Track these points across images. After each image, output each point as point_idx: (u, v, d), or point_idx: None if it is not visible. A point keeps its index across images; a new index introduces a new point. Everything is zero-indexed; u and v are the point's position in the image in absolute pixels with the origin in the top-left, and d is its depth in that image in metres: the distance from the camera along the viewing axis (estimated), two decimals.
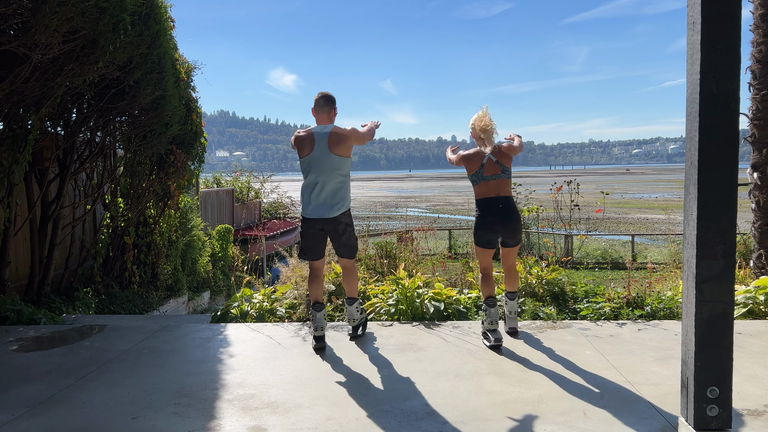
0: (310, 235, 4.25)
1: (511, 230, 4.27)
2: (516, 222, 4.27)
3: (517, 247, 4.41)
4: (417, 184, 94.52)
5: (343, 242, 4.28)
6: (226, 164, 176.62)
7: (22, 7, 4.71)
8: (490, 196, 4.25)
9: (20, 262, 6.93)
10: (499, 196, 4.24)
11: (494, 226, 4.25)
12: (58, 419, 3.11)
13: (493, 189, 4.24)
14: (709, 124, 2.57)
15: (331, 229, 4.22)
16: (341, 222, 4.20)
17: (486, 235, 4.29)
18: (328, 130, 4.17)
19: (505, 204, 4.24)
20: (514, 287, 4.49)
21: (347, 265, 4.44)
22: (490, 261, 4.40)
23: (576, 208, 10.55)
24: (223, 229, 13.14)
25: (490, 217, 4.24)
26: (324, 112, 4.25)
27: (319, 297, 4.32)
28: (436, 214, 34.26)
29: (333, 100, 4.30)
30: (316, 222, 4.19)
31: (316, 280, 4.35)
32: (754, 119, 6.79)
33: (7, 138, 6.02)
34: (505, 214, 4.23)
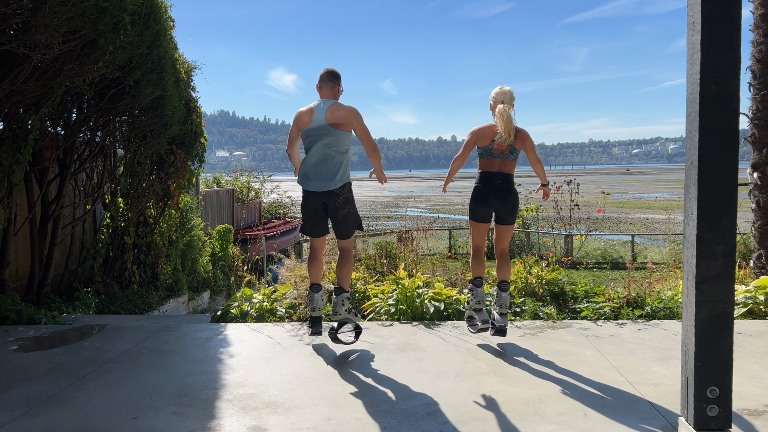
0: (309, 209, 4.20)
1: (509, 205, 4.24)
2: (513, 198, 4.25)
3: (511, 227, 4.33)
4: (417, 184, 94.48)
5: (342, 216, 4.14)
6: (226, 164, 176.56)
7: (22, 7, 4.72)
8: (492, 170, 4.23)
9: (20, 262, 6.93)
10: (500, 172, 4.23)
11: (490, 199, 4.22)
12: (58, 419, 3.11)
13: (497, 165, 4.23)
14: (709, 124, 2.57)
15: (330, 203, 4.13)
16: (339, 195, 4.10)
17: (481, 209, 4.26)
18: (328, 104, 4.11)
19: (504, 180, 4.22)
20: (507, 275, 4.31)
21: (345, 247, 4.27)
22: (483, 239, 4.38)
23: (576, 207, 10.55)
24: (223, 229, 13.14)
25: (487, 189, 4.22)
26: (327, 87, 4.18)
27: (317, 278, 4.28)
28: (436, 214, 34.26)
29: (338, 76, 4.21)
30: (315, 195, 4.13)
31: (315, 261, 4.30)
32: (754, 119, 6.79)
33: (7, 138, 6.01)
34: (503, 190, 4.21)
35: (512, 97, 4.29)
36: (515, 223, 4.43)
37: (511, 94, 4.29)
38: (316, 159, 4.11)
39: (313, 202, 4.17)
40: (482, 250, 4.38)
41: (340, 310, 4.18)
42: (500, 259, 4.35)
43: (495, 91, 4.34)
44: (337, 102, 4.17)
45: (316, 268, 4.33)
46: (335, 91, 4.21)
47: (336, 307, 4.18)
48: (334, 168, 4.10)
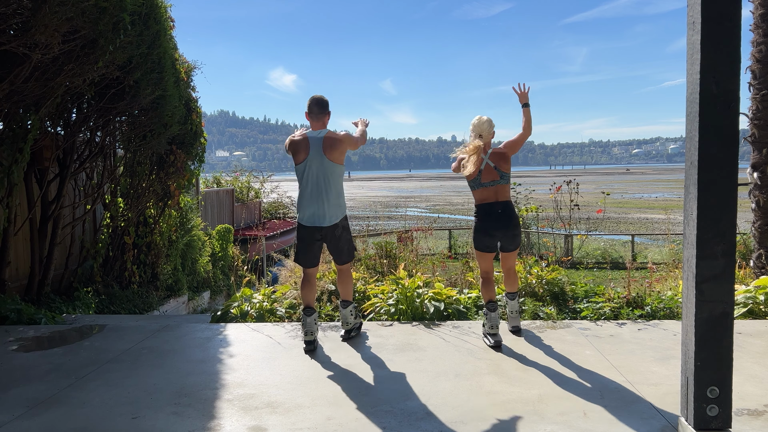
0: (306, 242, 4.28)
1: (510, 236, 4.28)
2: (515, 227, 4.28)
3: (516, 250, 4.42)
4: (417, 184, 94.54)
5: (341, 247, 4.32)
6: (226, 164, 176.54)
7: (22, 7, 4.72)
8: (489, 201, 4.26)
9: (20, 262, 6.93)
10: (498, 201, 4.25)
11: (493, 231, 4.26)
12: (58, 419, 3.11)
13: (492, 194, 4.25)
14: (709, 124, 2.57)
15: (328, 236, 4.25)
16: (338, 227, 4.24)
17: (485, 240, 4.30)
18: (322, 135, 4.19)
19: (503, 209, 4.25)
20: (514, 288, 4.52)
21: (344, 269, 4.48)
22: (490, 265, 4.39)
23: (576, 207, 10.55)
24: (223, 229, 13.14)
25: (488, 222, 4.25)
26: (318, 119, 4.25)
27: (310, 302, 4.31)
28: (436, 213, 34.26)
29: (326, 105, 4.29)
30: (314, 230, 4.22)
31: (308, 285, 4.36)
32: (754, 119, 6.79)
33: (7, 138, 6.01)
34: (504, 219, 4.24)
35: (490, 127, 4.29)
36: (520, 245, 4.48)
37: (489, 124, 4.29)
38: (315, 195, 4.18)
39: (311, 234, 4.25)
40: (491, 275, 4.40)
41: (350, 320, 4.49)
42: (507, 275, 4.47)
43: (473, 122, 4.35)
44: (329, 131, 4.24)
45: (309, 291, 4.35)
46: (325, 121, 4.30)
47: (346, 318, 4.47)
48: (334, 202, 4.20)
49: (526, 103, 4.34)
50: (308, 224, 4.22)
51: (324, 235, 4.25)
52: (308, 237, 4.27)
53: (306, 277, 4.38)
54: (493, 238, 4.28)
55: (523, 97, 4.35)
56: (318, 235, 4.25)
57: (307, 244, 4.28)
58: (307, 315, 4.23)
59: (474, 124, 4.34)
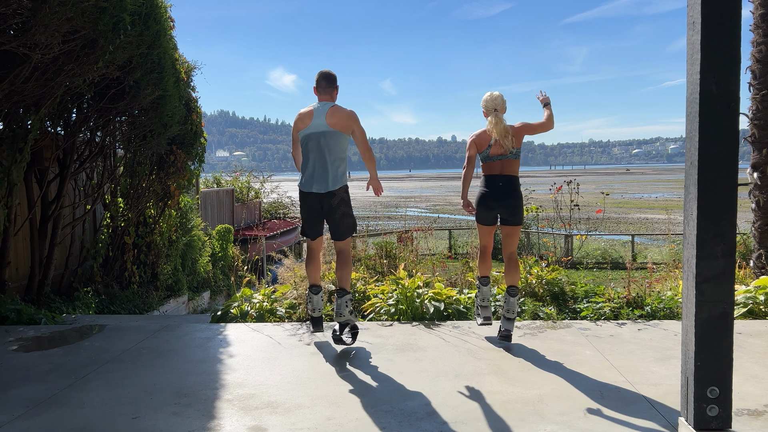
0: (307, 210, 4.23)
1: (510, 206, 4.26)
2: (514, 199, 4.26)
3: (517, 228, 4.35)
4: (417, 184, 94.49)
5: (338, 218, 4.17)
6: (226, 164, 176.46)
7: (22, 7, 4.72)
8: (493, 173, 4.30)
9: (20, 262, 6.92)
10: (502, 174, 4.28)
11: (491, 202, 4.27)
12: (58, 419, 3.11)
13: (497, 168, 4.28)
14: (709, 124, 2.57)
15: (326, 204, 4.15)
16: (336, 196, 4.14)
17: (483, 212, 4.32)
18: (327, 107, 4.16)
19: (505, 182, 4.26)
20: (516, 280, 4.36)
21: (343, 249, 4.29)
22: (489, 240, 4.44)
23: (576, 208, 10.53)
24: (223, 229, 13.14)
25: (487, 193, 4.28)
26: (326, 93, 4.24)
27: (316, 280, 4.32)
28: (436, 214, 34.27)
29: (334, 79, 4.26)
30: (312, 196, 4.17)
31: (313, 262, 4.33)
32: (754, 119, 6.79)
33: (7, 138, 6.01)
34: (504, 192, 4.25)
35: (503, 102, 4.34)
36: (521, 224, 4.44)
37: (502, 99, 4.35)
38: (314, 161, 4.15)
39: (311, 204, 4.20)
40: (489, 250, 4.44)
41: (344, 311, 4.19)
42: (509, 263, 4.38)
43: (485, 97, 4.38)
44: (336, 104, 4.21)
45: (314, 269, 4.36)
46: (333, 94, 4.27)
47: (340, 308, 4.18)
48: (332, 170, 4.14)
49: (547, 104, 4.47)
50: (306, 190, 4.18)
51: (322, 203, 4.16)
52: (308, 205, 4.21)
53: (310, 254, 4.36)
54: (491, 210, 4.29)
55: (544, 100, 4.50)
56: (316, 204, 4.17)
57: (307, 212, 4.23)
58: (314, 293, 4.23)
59: (487, 99, 4.35)
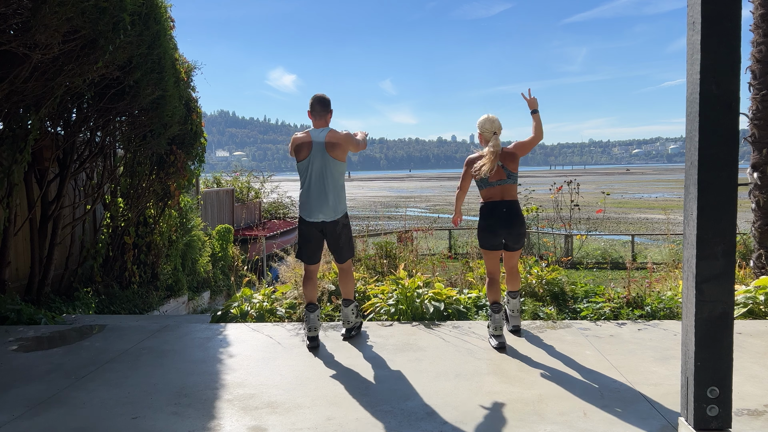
0: (308, 238, 4.32)
1: (515, 235, 4.27)
2: (519, 226, 4.27)
3: (520, 250, 4.42)
4: (417, 184, 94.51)
5: (341, 245, 4.34)
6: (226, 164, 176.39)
7: (22, 6, 4.72)
8: (495, 200, 4.27)
9: (20, 262, 6.93)
10: (504, 200, 4.25)
11: (497, 229, 4.26)
12: (58, 419, 3.11)
13: (498, 193, 4.26)
14: (709, 124, 2.57)
15: (329, 232, 4.28)
16: (339, 223, 4.27)
17: (490, 239, 4.30)
18: (324, 134, 4.23)
19: (509, 208, 4.25)
20: (516, 287, 4.51)
21: (344, 267, 4.50)
22: (497, 265, 4.36)
23: (576, 208, 10.54)
24: (223, 229, 13.14)
25: (492, 220, 4.26)
26: (321, 117, 4.31)
27: (312, 298, 4.37)
28: (436, 214, 34.26)
29: (328, 104, 4.36)
30: (315, 225, 4.26)
31: (310, 282, 4.40)
32: (754, 119, 6.79)
33: (7, 138, 6.02)
34: (509, 218, 4.23)
35: (500, 126, 4.35)
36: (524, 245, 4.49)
37: (499, 122, 4.35)
38: (316, 190, 4.22)
39: (313, 231, 4.29)
40: (497, 276, 4.37)
41: (350, 318, 4.52)
42: (510, 273, 4.46)
43: (482, 121, 4.35)
44: (332, 129, 4.28)
45: (311, 288, 4.40)
46: (327, 119, 4.36)
47: (348, 317, 4.50)
48: (335, 199, 4.23)
49: (535, 110, 4.36)
50: (309, 219, 4.26)
51: (325, 231, 4.28)
52: (309, 233, 4.30)
53: (307, 275, 4.42)
54: (498, 236, 4.28)
55: (532, 103, 4.37)
56: (318, 231, 4.29)
57: (308, 240, 4.32)
58: (310, 311, 4.27)
59: (485, 121, 4.33)
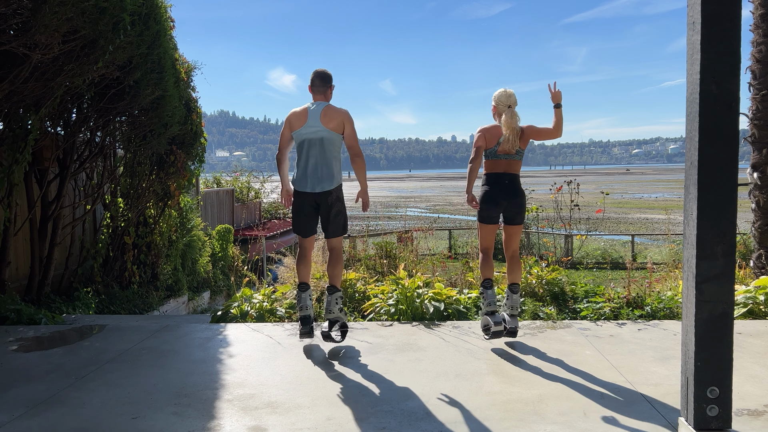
0: (302, 209, 4.26)
1: (517, 205, 4.29)
2: (521, 198, 4.30)
3: (520, 227, 4.38)
4: (417, 184, 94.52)
5: (333, 216, 4.23)
6: (226, 164, 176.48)
7: (22, 7, 4.72)
8: (498, 171, 4.29)
9: (20, 262, 6.92)
10: (507, 172, 4.28)
11: (499, 199, 4.27)
12: (58, 419, 3.11)
13: (503, 166, 4.28)
14: (709, 124, 2.57)
15: (322, 203, 4.21)
16: (332, 194, 4.20)
17: (490, 209, 4.30)
18: (321, 107, 4.20)
19: (511, 180, 4.28)
20: (518, 278, 4.36)
21: (335, 246, 4.34)
22: (492, 240, 4.42)
23: (576, 208, 10.53)
24: (223, 229, 13.14)
25: (495, 190, 4.27)
26: (320, 91, 4.28)
27: (306, 277, 4.34)
28: (436, 214, 34.27)
29: (329, 78, 4.30)
30: (308, 195, 4.21)
31: (304, 260, 4.36)
32: (754, 119, 6.79)
33: (7, 138, 6.02)
34: (511, 190, 4.27)
35: (516, 101, 4.35)
36: (523, 223, 4.46)
37: (515, 98, 4.35)
38: (311, 161, 4.19)
39: (306, 202, 4.24)
40: (491, 252, 4.43)
41: (333, 308, 4.26)
42: (511, 261, 4.38)
43: (498, 94, 4.36)
44: (330, 104, 4.25)
45: (305, 267, 4.39)
46: (328, 94, 4.31)
47: (330, 305, 4.26)
48: (329, 169, 4.18)
49: (558, 104, 4.26)
50: (301, 189, 4.22)
51: (318, 202, 4.21)
52: (302, 204, 4.25)
53: (302, 252, 4.38)
54: (499, 207, 4.29)
55: (556, 97, 4.25)
56: (311, 201, 4.22)
57: (301, 211, 4.27)
58: (302, 290, 4.25)
59: (501, 94, 4.32)
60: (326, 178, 4.17)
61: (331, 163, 4.19)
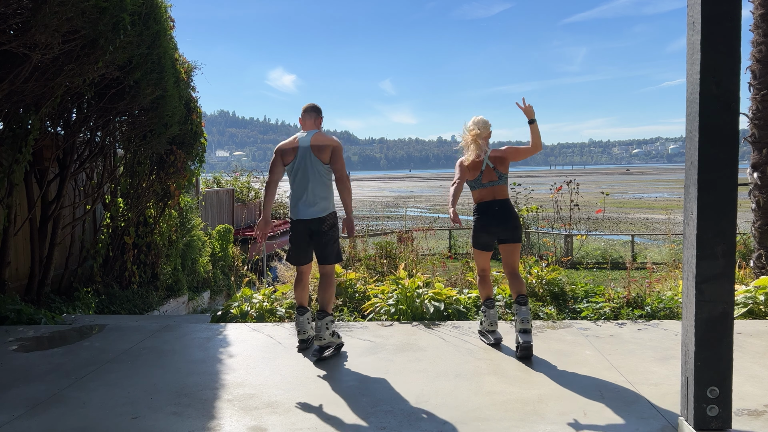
0: (296, 238, 4.31)
1: (511, 228, 4.26)
2: (513, 220, 4.26)
3: (518, 245, 4.27)
4: (417, 184, 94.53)
5: (325, 244, 4.25)
6: (226, 164, 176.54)
7: (22, 7, 4.72)
8: (487, 200, 4.29)
9: (20, 262, 6.92)
10: (496, 199, 4.28)
11: (491, 228, 4.27)
12: (58, 419, 3.11)
13: (490, 194, 4.29)
14: (709, 124, 2.57)
15: (315, 230, 4.23)
16: (326, 222, 4.24)
17: (484, 238, 4.31)
18: (310, 136, 4.25)
19: (501, 206, 4.27)
20: (523, 289, 4.16)
21: (327, 272, 4.31)
22: (487, 263, 4.42)
23: (576, 208, 10.54)
24: (223, 229, 13.13)
25: (486, 219, 4.27)
26: (310, 118, 4.36)
27: (303, 302, 4.33)
28: (436, 214, 34.26)
29: (318, 110, 4.43)
30: (303, 223, 4.24)
31: (300, 284, 4.37)
32: (754, 119, 6.79)
33: (7, 138, 6.02)
34: (502, 215, 4.25)
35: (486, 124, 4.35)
36: (521, 241, 4.39)
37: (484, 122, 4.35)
38: (303, 188, 4.22)
39: (300, 230, 4.27)
40: (488, 272, 4.45)
41: (324, 334, 4.09)
42: (512, 278, 4.24)
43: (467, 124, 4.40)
44: (320, 132, 4.32)
45: (302, 291, 4.36)
46: (317, 122, 4.39)
47: (320, 331, 4.08)
48: (321, 196, 4.22)
49: (532, 120, 4.19)
50: (295, 217, 4.26)
51: (311, 229, 4.23)
52: (297, 232, 4.28)
53: (299, 276, 4.39)
54: (492, 235, 4.29)
55: (528, 112, 4.18)
56: (306, 229, 4.24)
57: (296, 240, 4.30)
58: (300, 314, 4.25)
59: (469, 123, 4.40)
60: (319, 206, 4.21)
61: (323, 190, 4.23)
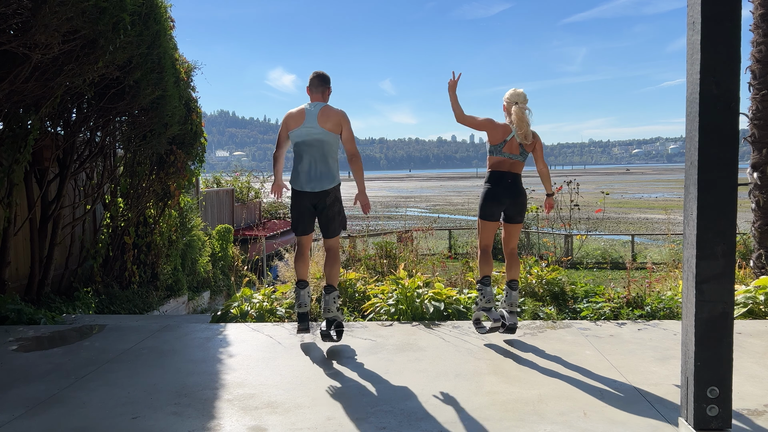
0: (301, 209, 4.27)
1: (519, 204, 4.35)
2: (523, 198, 4.37)
3: (519, 226, 4.46)
4: (417, 184, 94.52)
5: (331, 216, 4.24)
6: (226, 164, 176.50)
7: (22, 7, 4.71)
8: (502, 170, 4.33)
9: (20, 262, 6.92)
10: (511, 172, 4.33)
11: (502, 198, 4.31)
12: (58, 419, 3.11)
13: (507, 165, 4.33)
14: (709, 124, 2.57)
15: (320, 203, 4.21)
16: (330, 194, 4.21)
17: (492, 207, 4.34)
18: (319, 107, 4.21)
19: (513, 179, 4.34)
20: (517, 275, 4.47)
21: (333, 246, 4.35)
22: (491, 238, 4.46)
23: (576, 207, 10.53)
24: (223, 229, 13.13)
25: (499, 188, 4.31)
26: (318, 92, 4.30)
27: (304, 275, 4.36)
28: (436, 214, 34.28)
29: (327, 80, 4.33)
30: (306, 195, 4.21)
31: (302, 258, 4.37)
32: (754, 119, 6.80)
33: (7, 138, 6.01)
34: (514, 189, 4.32)
35: (525, 99, 4.40)
36: (523, 222, 4.51)
37: (525, 96, 4.41)
38: (308, 161, 4.20)
39: (304, 202, 4.25)
40: (490, 249, 4.48)
41: (332, 307, 4.25)
42: (510, 259, 4.46)
43: (509, 92, 4.44)
44: (328, 104, 4.27)
45: (303, 264, 4.40)
46: (325, 95, 4.33)
47: (328, 304, 4.24)
48: (327, 169, 4.19)
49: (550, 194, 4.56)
50: (299, 189, 4.23)
51: (315, 202, 4.22)
52: (301, 205, 4.26)
53: (299, 249, 4.39)
54: (501, 205, 4.34)
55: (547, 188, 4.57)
56: (309, 201, 4.23)
57: (299, 210, 4.28)
58: (300, 288, 4.26)
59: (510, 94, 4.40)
60: (324, 178, 4.18)
61: (328, 163, 4.20)
